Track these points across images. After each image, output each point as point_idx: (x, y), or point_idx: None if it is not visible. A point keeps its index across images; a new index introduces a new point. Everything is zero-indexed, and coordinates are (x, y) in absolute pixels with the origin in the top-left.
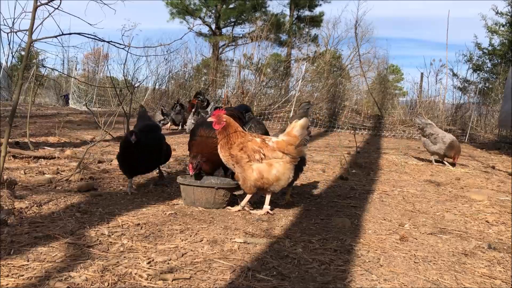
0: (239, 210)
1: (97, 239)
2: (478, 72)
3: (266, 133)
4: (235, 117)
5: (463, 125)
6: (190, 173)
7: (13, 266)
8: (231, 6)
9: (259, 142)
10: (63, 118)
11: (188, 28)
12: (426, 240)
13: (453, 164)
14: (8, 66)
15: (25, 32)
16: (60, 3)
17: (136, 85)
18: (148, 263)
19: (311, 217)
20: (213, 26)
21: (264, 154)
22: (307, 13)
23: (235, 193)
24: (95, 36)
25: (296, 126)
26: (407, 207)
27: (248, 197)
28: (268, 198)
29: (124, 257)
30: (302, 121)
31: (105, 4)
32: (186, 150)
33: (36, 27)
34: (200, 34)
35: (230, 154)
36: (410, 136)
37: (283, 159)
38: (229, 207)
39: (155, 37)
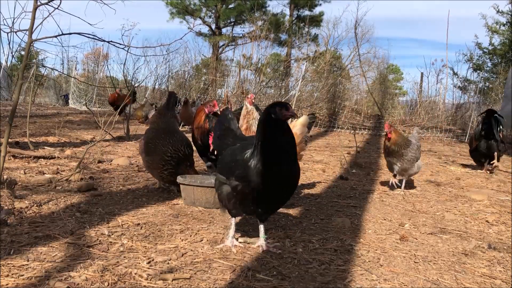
0: None
1: (97, 239)
2: (478, 71)
3: None
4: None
5: (463, 125)
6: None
7: (13, 266)
8: (230, 6)
9: None
10: (63, 118)
11: (188, 28)
12: (426, 240)
13: None
14: (8, 66)
15: (25, 32)
16: (60, 3)
17: (136, 85)
18: (148, 263)
19: (311, 217)
20: (213, 26)
21: None
22: (307, 12)
23: None
24: (94, 36)
25: (297, 125)
26: (407, 207)
27: None
28: None
29: (124, 257)
30: (302, 119)
31: (105, 4)
32: None
33: (36, 27)
34: (200, 34)
35: None
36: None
37: None
38: None
39: (154, 37)
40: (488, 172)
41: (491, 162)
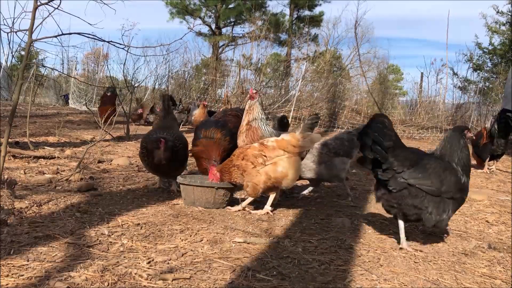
0: (239, 210)
1: (97, 239)
2: (478, 71)
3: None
4: (238, 117)
5: (463, 124)
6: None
7: (13, 266)
8: (230, 6)
9: (257, 147)
10: (63, 118)
11: (188, 28)
12: (426, 240)
13: None
14: (8, 66)
15: (25, 32)
16: (60, 3)
17: (136, 85)
18: (148, 263)
19: (311, 217)
20: (213, 26)
21: (265, 156)
22: (307, 12)
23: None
24: (94, 36)
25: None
26: None
27: (250, 198)
28: (271, 198)
29: (124, 257)
30: (314, 136)
31: (105, 4)
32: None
33: (36, 27)
34: (200, 34)
35: (234, 165)
36: (410, 136)
37: (286, 155)
38: (229, 207)
39: (154, 37)
40: (488, 170)
41: (491, 161)
